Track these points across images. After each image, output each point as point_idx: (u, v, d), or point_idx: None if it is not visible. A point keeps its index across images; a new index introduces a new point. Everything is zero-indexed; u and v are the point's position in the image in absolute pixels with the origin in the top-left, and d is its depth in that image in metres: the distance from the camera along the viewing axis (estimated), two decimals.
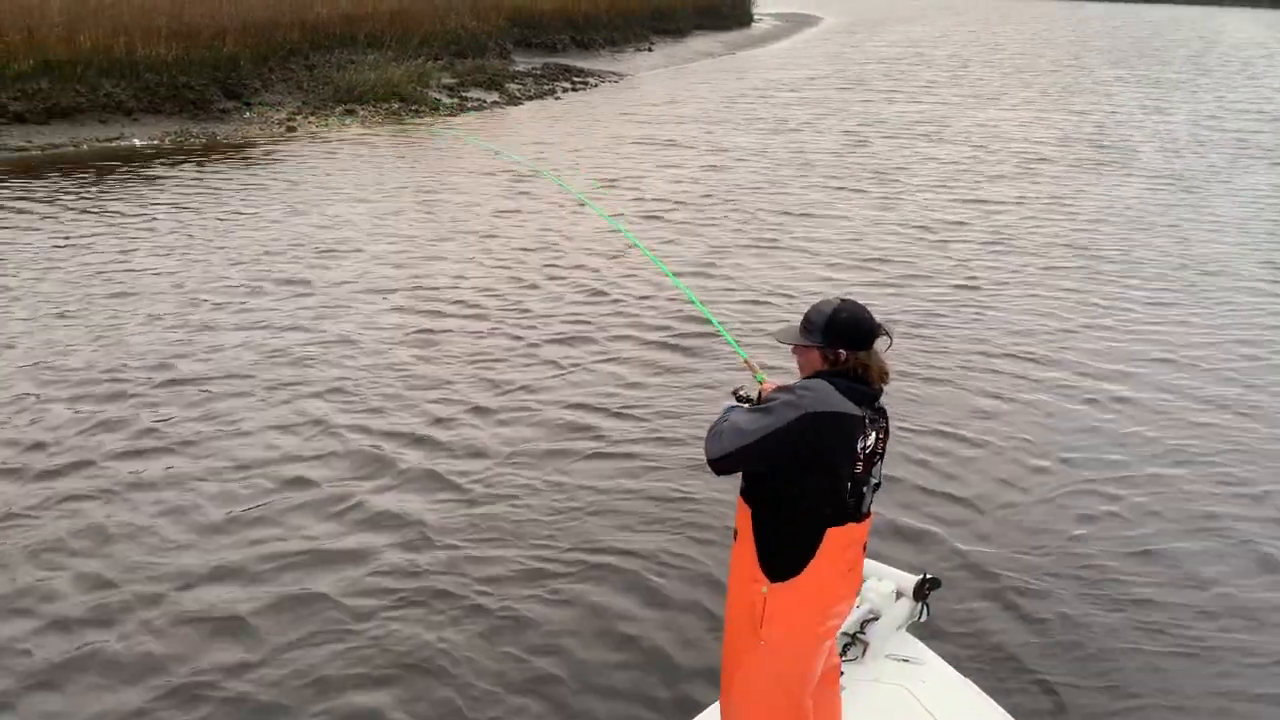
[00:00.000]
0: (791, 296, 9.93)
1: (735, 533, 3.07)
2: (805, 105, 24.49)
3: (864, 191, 15.05)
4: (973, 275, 10.92)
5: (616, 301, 9.83)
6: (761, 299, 9.92)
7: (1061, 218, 13.60)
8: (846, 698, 3.44)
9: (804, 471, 2.89)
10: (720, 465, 2.94)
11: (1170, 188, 15.71)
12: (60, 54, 18.34)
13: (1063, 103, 26.04)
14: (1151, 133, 21.03)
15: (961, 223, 13.19)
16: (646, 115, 22.21)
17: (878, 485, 3.04)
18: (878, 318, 3.02)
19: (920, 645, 3.90)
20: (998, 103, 25.87)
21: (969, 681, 3.81)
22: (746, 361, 3.61)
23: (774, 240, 12.20)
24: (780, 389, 3.00)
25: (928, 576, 3.84)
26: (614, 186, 14.91)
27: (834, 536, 2.93)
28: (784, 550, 2.94)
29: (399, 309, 9.47)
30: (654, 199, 14.16)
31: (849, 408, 2.88)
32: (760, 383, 3.29)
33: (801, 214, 13.52)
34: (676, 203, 13.99)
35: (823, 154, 18.03)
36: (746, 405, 3.11)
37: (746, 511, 3.02)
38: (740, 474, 3.03)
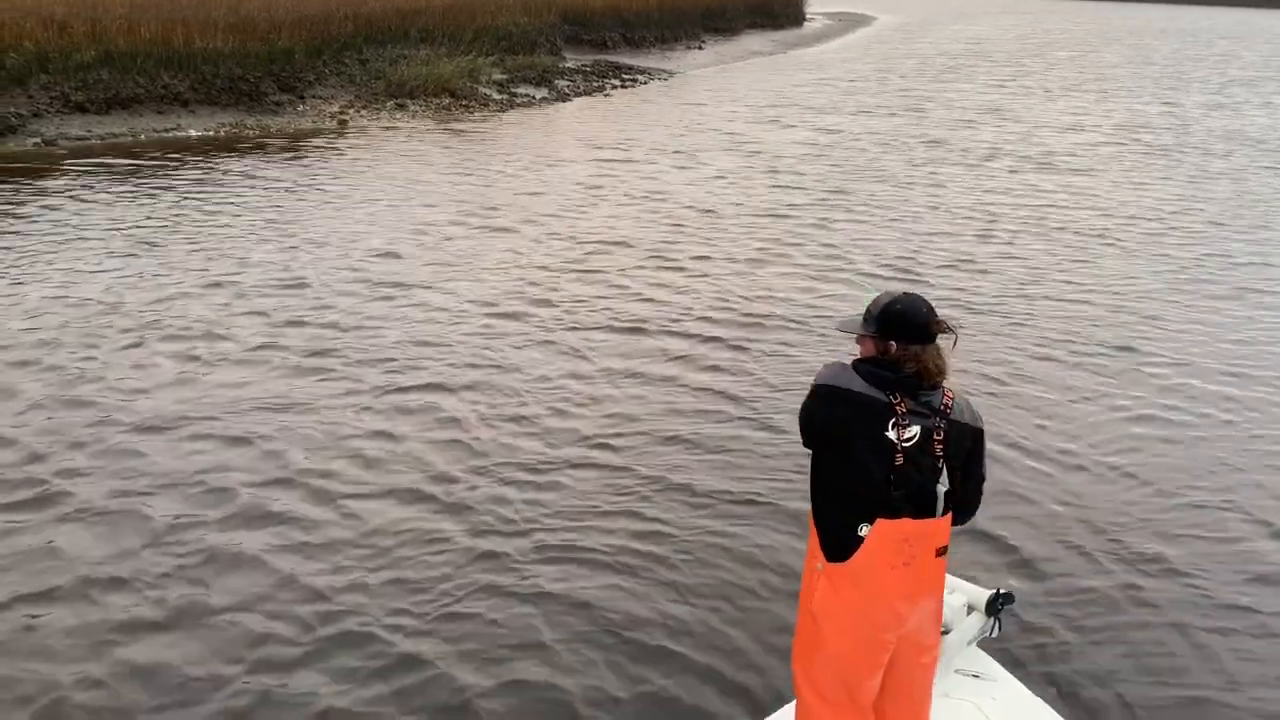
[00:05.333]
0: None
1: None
2: (879, 95, 24.99)
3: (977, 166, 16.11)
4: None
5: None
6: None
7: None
8: None
9: (821, 449, 2.98)
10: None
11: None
12: (121, 46, 18.65)
13: (1133, 95, 26.01)
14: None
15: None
16: (730, 104, 22.24)
17: (950, 491, 2.93)
18: (941, 314, 2.97)
19: (991, 661, 3.79)
20: (1074, 94, 26.25)
21: (1040, 699, 3.68)
22: None
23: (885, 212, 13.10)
24: None
25: (1001, 591, 3.71)
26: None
27: (885, 527, 2.88)
28: (831, 531, 2.96)
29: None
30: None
31: (864, 389, 2.87)
32: None
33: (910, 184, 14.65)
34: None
35: (908, 138, 18.77)
36: None
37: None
38: None
